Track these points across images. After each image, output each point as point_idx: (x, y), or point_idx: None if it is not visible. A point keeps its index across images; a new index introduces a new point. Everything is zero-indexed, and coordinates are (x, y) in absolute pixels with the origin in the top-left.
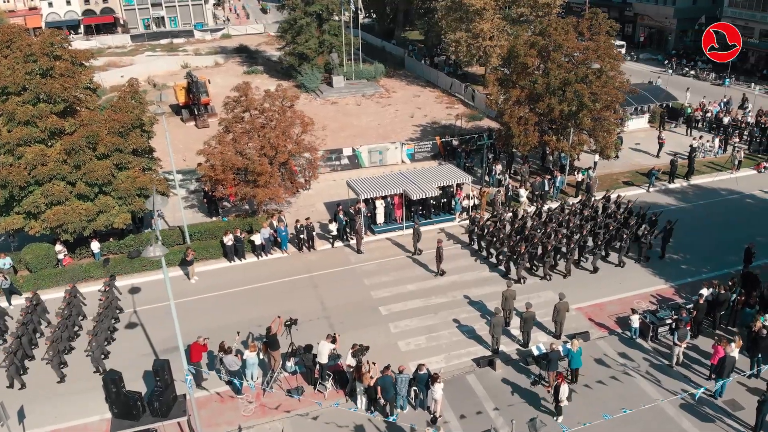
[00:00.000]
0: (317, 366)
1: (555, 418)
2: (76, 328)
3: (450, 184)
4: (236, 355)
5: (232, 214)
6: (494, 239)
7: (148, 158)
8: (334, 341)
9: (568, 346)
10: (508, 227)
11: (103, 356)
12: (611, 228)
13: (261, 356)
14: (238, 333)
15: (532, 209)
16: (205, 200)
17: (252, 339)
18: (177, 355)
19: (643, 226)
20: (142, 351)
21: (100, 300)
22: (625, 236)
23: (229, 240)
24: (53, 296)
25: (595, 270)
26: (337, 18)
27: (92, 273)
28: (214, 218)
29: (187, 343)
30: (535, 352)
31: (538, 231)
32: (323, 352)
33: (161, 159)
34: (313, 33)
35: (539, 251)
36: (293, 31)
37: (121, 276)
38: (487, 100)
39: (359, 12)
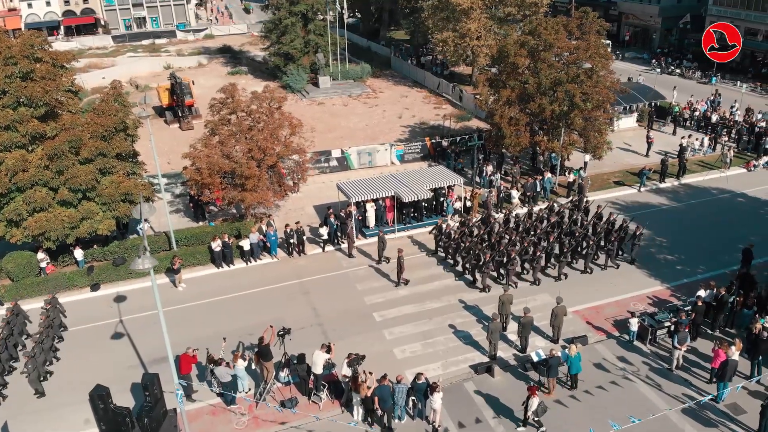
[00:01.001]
0: (311, 376)
1: (516, 428)
2: (55, 341)
3: (442, 185)
4: (227, 365)
5: (219, 218)
6: (460, 247)
7: (132, 162)
8: (329, 351)
9: (567, 351)
10: (474, 233)
11: (41, 378)
12: (577, 234)
13: (253, 367)
14: (224, 339)
15: (500, 216)
16: (191, 204)
17: (242, 348)
18: (166, 366)
19: (613, 232)
20: (129, 363)
21: (41, 319)
22: (591, 242)
23: (217, 246)
24: (36, 306)
25: (560, 278)
26: (322, 18)
27: (76, 281)
28: (200, 223)
29: (176, 354)
30: (535, 359)
31: (504, 238)
32: (318, 362)
33: (146, 163)
34: (299, 33)
35: (506, 259)
36: (278, 31)
37: (106, 284)
38: (476, 100)
39: (344, 12)
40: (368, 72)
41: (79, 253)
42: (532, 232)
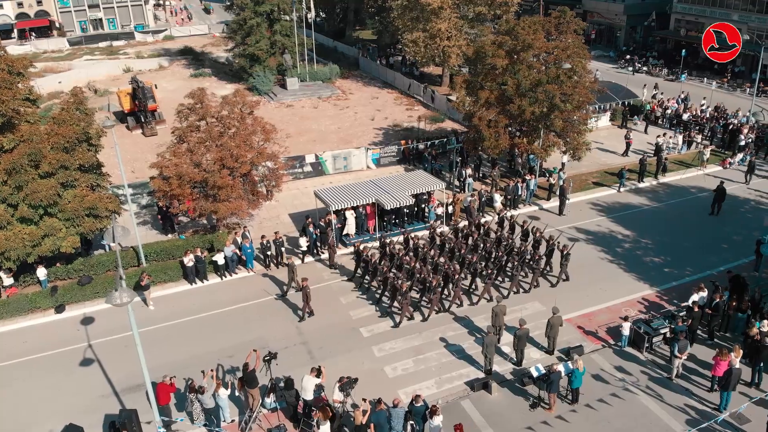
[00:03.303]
0: (300, 401)
1: None
2: None
3: (423, 191)
4: (211, 396)
5: (190, 230)
6: (376, 270)
7: (96, 174)
8: (319, 374)
9: (570, 364)
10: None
11: None
12: (501, 253)
13: (237, 394)
14: (211, 370)
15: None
16: (159, 216)
17: (221, 373)
18: (141, 395)
19: (540, 249)
20: (101, 391)
21: None
22: (516, 262)
23: (189, 260)
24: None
25: (490, 299)
26: (288, 18)
27: (39, 303)
28: (170, 236)
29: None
30: (535, 374)
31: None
32: (308, 387)
33: (110, 174)
34: (264, 33)
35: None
36: (243, 32)
37: (71, 305)
38: (454, 102)
39: (311, 11)
40: (337, 73)
41: (41, 272)
42: (457, 252)
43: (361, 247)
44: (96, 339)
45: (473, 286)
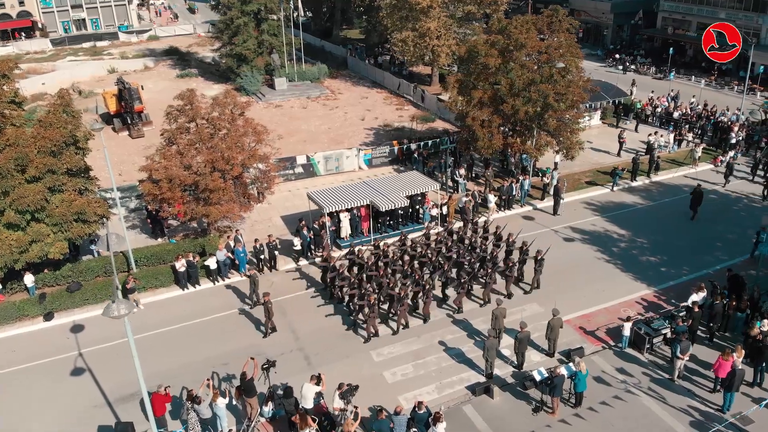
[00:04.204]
0: (300, 410)
1: None
2: None
3: (417, 192)
4: (208, 407)
5: (180, 234)
6: (343, 282)
7: (84, 178)
8: (318, 382)
9: (572, 367)
10: (356, 268)
11: None
12: (473, 260)
13: (234, 402)
14: (208, 379)
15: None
16: (148, 220)
17: (216, 380)
18: (134, 405)
19: (512, 256)
20: (93, 401)
21: None
22: (488, 270)
23: (181, 265)
24: None
25: (459, 310)
26: (275, 17)
27: (27, 311)
28: (159, 240)
29: (138, 390)
30: (538, 378)
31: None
32: (308, 395)
33: (98, 178)
34: (251, 33)
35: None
36: (230, 32)
37: (60, 312)
38: (447, 102)
39: (298, 10)
40: (325, 73)
41: (29, 279)
42: (429, 260)
43: (356, 249)
44: (86, 347)
45: (446, 296)
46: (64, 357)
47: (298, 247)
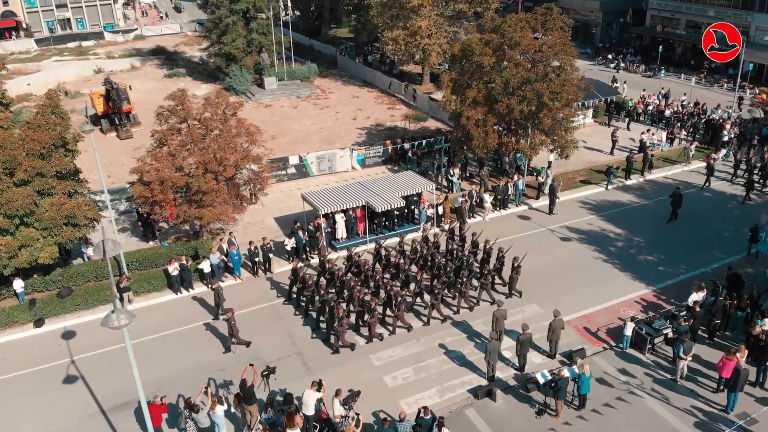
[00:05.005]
0: (290, 410)
1: None
2: None
3: (413, 192)
4: (206, 415)
5: (171, 236)
6: (311, 294)
7: (74, 181)
8: (320, 388)
9: (576, 369)
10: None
11: None
12: (449, 269)
13: (233, 410)
14: (206, 387)
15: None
16: (139, 223)
17: (216, 389)
18: (129, 413)
19: (491, 263)
20: (87, 410)
21: None
22: (464, 278)
23: (174, 269)
24: None
25: (428, 322)
26: (264, 16)
27: (17, 317)
28: (151, 243)
29: (133, 398)
30: (541, 380)
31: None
32: (309, 402)
33: (88, 181)
34: (240, 32)
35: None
36: (218, 31)
37: (51, 318)
38: (441, 101)
39: (288, 9)
40: (315, 72)
41: (18, 285)
42: (402, 270)
43: (353, 251)
44: (79, 354)
45: (421, 304)
46: (56, 364)
47: (292, 246)
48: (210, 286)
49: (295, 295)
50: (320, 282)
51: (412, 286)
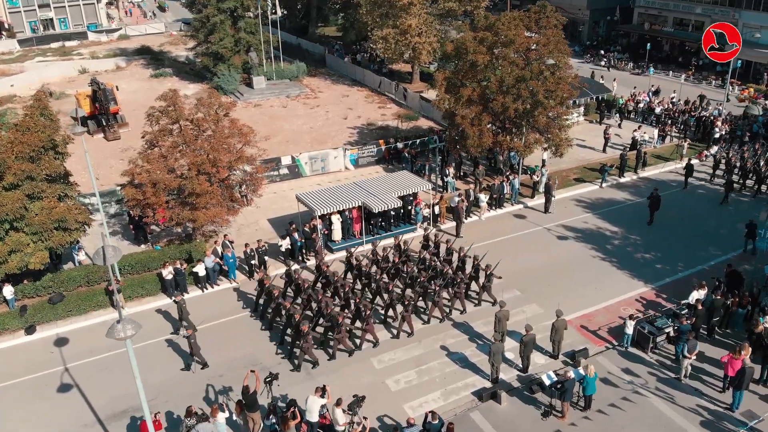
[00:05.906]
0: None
1: None
2: None
3: (409, 192)
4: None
5: (164, 239)
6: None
7: (64, 184)
8: (323, 394)
9: (581, 370)
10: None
11: None
12: (423, 279)
13: (235, 418)
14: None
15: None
16: (131, 226)
17: (216, 396)
18: (125, 423)
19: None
20: (83, 420)
21: None
22: (437, 286)
23: (168, 273)
24: None
25: (398, 335)
26: (252, 15)
27: (7, 324)
28: (143, 246)
29: (130, 406)
30: (547, 382)
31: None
32: (313, 408)
33: (78, 183)
34: (228, 31)
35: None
36: (206, 30)
37: (43, 325)
38: (434, 100)
39: (276, 8)
40: (304, 71)
41: (8, 291)
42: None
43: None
44: (72, 362)
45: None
46: (49, 372)
47: (286, 247)
48: (173, 299)
49: (261, 308)
50: (316, 287)
51: (386, 296)
